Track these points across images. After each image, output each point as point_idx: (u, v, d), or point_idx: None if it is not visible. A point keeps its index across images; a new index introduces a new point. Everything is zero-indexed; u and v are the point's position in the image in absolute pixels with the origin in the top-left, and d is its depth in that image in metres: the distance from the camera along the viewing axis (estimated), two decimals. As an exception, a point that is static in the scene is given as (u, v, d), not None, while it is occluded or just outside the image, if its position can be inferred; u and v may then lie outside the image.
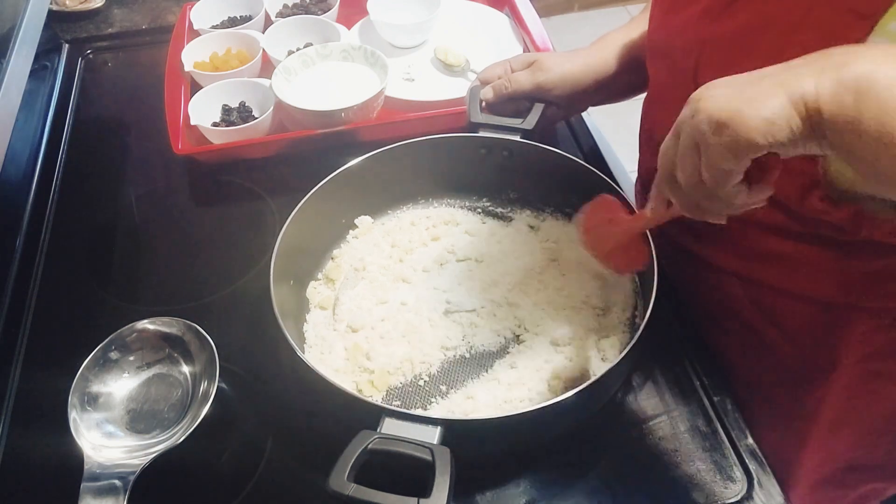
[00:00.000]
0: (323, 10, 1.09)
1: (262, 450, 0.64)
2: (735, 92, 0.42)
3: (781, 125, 0.41)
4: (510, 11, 1.12)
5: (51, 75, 1.08)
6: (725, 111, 0.41)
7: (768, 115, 0.40)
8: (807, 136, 0.41)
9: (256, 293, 0.75)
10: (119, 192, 0.92)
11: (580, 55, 0.80)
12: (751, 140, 0.41)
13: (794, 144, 0.41)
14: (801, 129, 0.41)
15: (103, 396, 0.63)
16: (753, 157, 0.42)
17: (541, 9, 1.11)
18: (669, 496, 0.59)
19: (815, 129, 0.41)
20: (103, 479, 0.56)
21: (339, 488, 0.47)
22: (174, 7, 1.22)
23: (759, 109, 0.41)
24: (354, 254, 0.77)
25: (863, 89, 0.39)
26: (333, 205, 0.75)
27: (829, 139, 0.41)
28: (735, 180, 0.44)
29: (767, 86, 0.42)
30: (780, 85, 0.41)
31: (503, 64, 0.81)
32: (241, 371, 0.69)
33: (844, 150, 0.41)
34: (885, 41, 0.45)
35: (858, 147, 0.40)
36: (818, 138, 0.41)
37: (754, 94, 0.41)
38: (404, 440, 0.51)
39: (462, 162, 0.79)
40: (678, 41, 0.63)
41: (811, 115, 0.40)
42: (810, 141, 0.41)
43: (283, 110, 0.92)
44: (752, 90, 0.42)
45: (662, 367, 0.68)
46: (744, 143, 0.41)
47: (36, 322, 0.76)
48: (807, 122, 0.41)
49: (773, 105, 0.41)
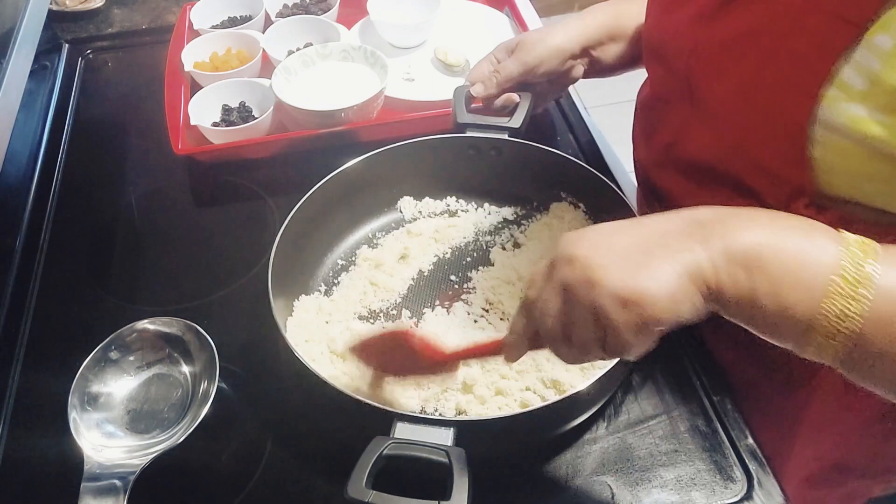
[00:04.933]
0: (323, 10, 1.09)
1: (262, 450, 0.64)
2: (631, 266, 0.41)
3: (685, 304, 0.41)
4: (510, 11, 1.12)
5: (51, 75, 1.08)
6: (630, 289, 0.41)
7: (673, 293, 0.41)
8: (705, 311, 0.42)
9: (256, 293, 0.75)
10: (119, 192, 0.92)
11: (561, 25, 0.79)
12: (659, 320, 0.41)
13: (694, 319, 0.42)
14: (702, 305, 0.42)
15: (103, 396, 0.63)
16: (659, 333, 0.42)
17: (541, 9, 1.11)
18: (669, 496, 0.59)
19: (715, 303, 0.42)
20: (103, 479, 0.56)
21: (359, 496, 0.47)
22: (174, 7, 1.22)
23: (664, 288, 0.40)
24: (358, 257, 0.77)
25: (752, 265, 0.40)
26: (333, 205, 0.75)
27: (728, 311, 0.42)
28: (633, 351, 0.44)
29: (662, 260, 0.41)
30: (674, 260, 0.41)
31: (487, 59, 0.82)
32: (241, 371, 0.69)
33: (745, 320, 0.42)
34: (871, 56, 0.45)
35: (759, 316, 0.41)
36: (717, 309, 0.42)
37: (653, 270, 0.41)
38: (419, 444, 0.51)
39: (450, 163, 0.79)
40: (671, 43, 0.64)
41: (712, 293, 0.41)
42: (706, 313, 0.42)
43: (283, 110, 0.92)
44: (648, 264, 0.41)
45: (662, 367, 0.68)
46: (652, 322, 0.41)
47: (36, 322, 0.76)
48: (708, 299, 0.41)
49: (677, 284, 0.41)
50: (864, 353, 0.39)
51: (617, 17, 0.78)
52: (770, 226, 0.42)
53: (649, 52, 0.70)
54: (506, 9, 1.13)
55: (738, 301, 0.41)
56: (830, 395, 0.66)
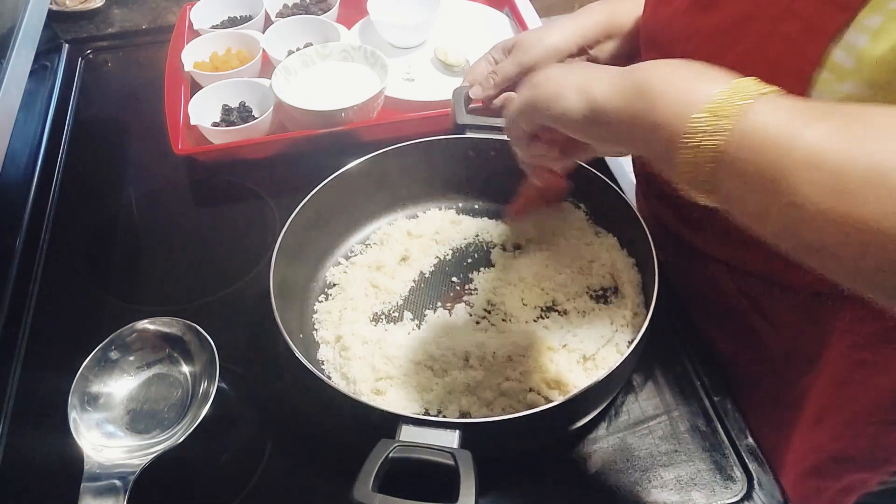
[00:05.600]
0: (323, 10, 1.09)
1: (262, 450, 0.64)
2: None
3: (563, 100, 0.48)
4: (510, 11, 1.12)
5: (51, 75, 1.08)
6: (539, 74, 0.51)
7: (560, 86, 0.48)
8: (583, 117, 0.47)
9: (256, 293, 0.75)
10: (119, 192, 0.92)
11: (557, 24, 0.79)
12: (536, 102, 0.50)
13: (569, 120, 0.48)
14: (583, 108, 0.47)
15: (103, 396, 0.63)
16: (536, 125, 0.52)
17: (541, 9, 1.11)
18: (669, 496, 0.59)
19: (597, 113, 0.46)
20: (103, 479, 0.56)
21: (366, 499, 0.47)
22: (174, 7, 1.22)
23: (555, 82, 0.49)
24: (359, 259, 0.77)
25: (640, 86, 0.44)
26: (334, 206, 0.75)
27: (610, 127, 0.46)
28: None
29: (575, 74, 0.48)
30: (580, 75, 0.48)
31: (485, 59, 0.82)
32: (241, 371, 0.69)
33: (625, 133, 0.46)
34: (859, 35, 0.46)
35: (635, 132, 0.44)
36: (599, 123, 0.47)
37: (562, 77, 0.49)
38: (426, 446, 0.51)
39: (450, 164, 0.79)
40: (667, 32, 0.64)
41: (595, 104, 0.46)
42: (584, 121, 0.47)
43: (283, 110, 0.92)
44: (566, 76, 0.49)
45: (662, 367, 0.68)
46: (531, 102, 0.51)
47: (36, 322, 0.76)
48: (592, 107, 0.46)
49: (567, 84, 0.48)
50: (725, 177, 0.40)
51: (612, 14, 0.78)
52: (673, 64, 0.45)
53: (646, 43, 0.70)
54: (506, 9, 1.13)
55: (617, 113, 0.45)
56: (829, 387, 0.66)
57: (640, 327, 0.59)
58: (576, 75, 0.48)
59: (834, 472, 0.76)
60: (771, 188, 0.38)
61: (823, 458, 0.74)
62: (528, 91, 0.51)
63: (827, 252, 0.37)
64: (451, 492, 0.48)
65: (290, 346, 0.58)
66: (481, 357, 0.65)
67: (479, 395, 0.63)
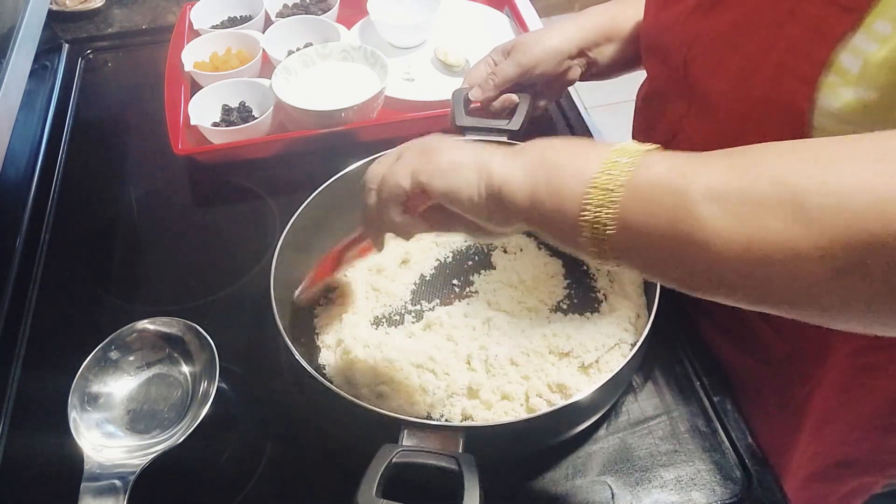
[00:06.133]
0: (323, 10, 1.09)
1: (262, 450, 0.64)
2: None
3: (460, 178, 0.46)
4: (510, 11, 1.12)
5: (51, 75, 1.08)
6: (429, 146, 0.49)
7: (455, 164, 0.47)
8: (485, 203, 0.46)
9: (257, 293, 0.75)
10: (119, 192, 0.92)
11: (557, 27, 0.80)
12: (429, 180, 0.47)
13: (468, 205, 0.46)
14: (483, 193, 0.45)
15: (103, 396, 0.63)
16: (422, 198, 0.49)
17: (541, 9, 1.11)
18: (669, 496, 0.59)
19: (498, 197, 0.45)
20: (103, 479, 0.56)
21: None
22: (174, 7, 1.22)
23: (449, 158, 0.47)
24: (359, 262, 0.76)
25: (536, 167, 0.44)
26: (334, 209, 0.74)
27: (514, 207, 0.45)
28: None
29: (467, 151, 0.47)
30: (474, 154, 0.47)
31: (485, 61, 0.82)
32: (241, 371, 0.69)
33: (529, 217, 0.44)
34: (870, 41, 0.46)
35: (539, 213, 0.43)
36: (502, 206, 0.45)
37: (455, 152, 0.48)
38: (429, 451, 0.51)
39: None
40: (669, 37, 0.64)
41: (494, 186, 0.45)
42: (487, 206, 0.46)
43: (283, 110, 0.92)
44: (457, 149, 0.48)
45: (662, 367, 0.68)
46: (424, 175, 0.48)
47: (36, 322, 0.76)
48: (490, 191, 0.45)
49: (461, 161, 0.47)
50: (628, 241, 0.40)
51: (613, 18, 0.79)
52: (561, 143, 0.45)
53: (647, 48, 0.70)
54: (506, 9, 1.13)
55: (520, 192, 0.44)
56: (832, 392, 0.66)
57: (642, 329, 0.59)
58: (469, 151, 0.47)
59: (837, 477, 0.76)
60: (672, 234, 0.38)
61: (827, 463, 0.74)
62: (419, 159, 0.48)
63: (739, 286, 0.37)
64: (455, 496, 0.48)
65: (291, 351, 0.58)
66: (483, 360, 0.65)
67: (481, 398, 0.63)
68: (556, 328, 0.68)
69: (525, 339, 0.66)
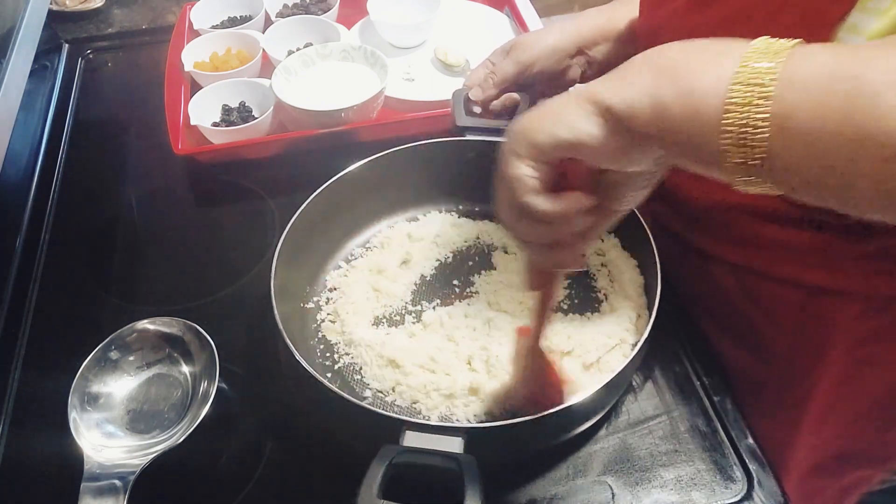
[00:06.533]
0: (323, 10, 1.09)
1: (262, 450, 0.64)
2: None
3: (565, 124, 0.41)
4: (510, 11, 1.12)
5: (51, 75, 1.08)
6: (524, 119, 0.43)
7: (554, 114, 0.42)
8: (603, 132, 0.41)
9: (257, 293, 0.75)
10: (119, 192, 0.92)
11: (556, 26, 0.80)
12: (535, 141, 0.42)
13: (588, 140, 0.41)
14: (597, 124, 0.40)
15: (103, 396, 0.63)
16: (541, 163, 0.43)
17: (541, 9, 1.11)
18: (669, 496, 0.59)
19: (615, 120, 0.40)
20: (103, 479, 0.56)
21: None
22: (174, 7, 1.22)
23: (544, 114, 0.42)
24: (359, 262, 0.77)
25: (660, 71, 0.39)
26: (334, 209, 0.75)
27: (635, 122, 0.39)
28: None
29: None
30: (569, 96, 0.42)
31: (484, 63, 0.82)
32: (241, 371, 0.69)
33: (656, 133, 0.39)
34: (865, 17, 0.46)
35: (668, 125, 0.38)
36: (623, 127, 0.40)
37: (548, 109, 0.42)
38: (430, 452, 0.50)
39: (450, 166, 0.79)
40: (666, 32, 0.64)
41: (606, 108, 0.40)
42: (610, 137, 0.41)
43: (283, 110, 0.92)
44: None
45: (662, 367, 0.68)
46: (527, 144, 0.43)
47: (36, 322, 0.76)
48: (604, 116, 0.40)
49: (559, 107, 0.42)
50: (784, 145, 0.35)
51: (611, 18, 0.79)
52: (679, 45, 0.40)
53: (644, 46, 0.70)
54: (506, 9, 1.13)
55: (639, 103, 0.39)
56: (833, 385, 0.66)
57: (643, 329, 0.59)
58: (562, 97, 0.42)
59: (836, 471, 0.76)
60: (846, 129, 0.33)
61: (826, 456, 0.74)
62: (516, 135, 0.44)
63: None
64: (456, 497, 0.47)
65: (291, 351, 0.58)
66: (484, 360, 0.64)
67: (482, 398, 0.62)
68: (557, 328, 0.68)
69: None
